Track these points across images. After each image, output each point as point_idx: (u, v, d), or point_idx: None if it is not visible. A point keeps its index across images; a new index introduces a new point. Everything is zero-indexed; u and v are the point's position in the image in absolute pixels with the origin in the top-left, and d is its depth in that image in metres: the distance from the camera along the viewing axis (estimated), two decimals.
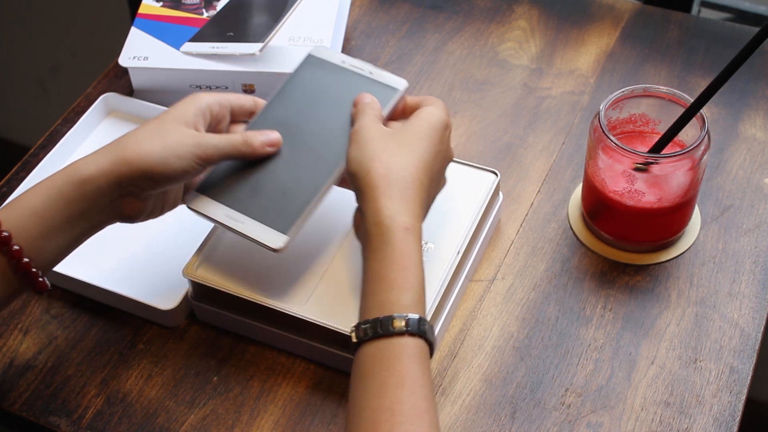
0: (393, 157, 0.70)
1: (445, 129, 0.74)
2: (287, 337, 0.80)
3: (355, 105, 0.77)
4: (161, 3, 1.03)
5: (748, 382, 0.78)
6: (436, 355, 0.81)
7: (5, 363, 0.82)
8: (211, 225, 0.83)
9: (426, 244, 0.82)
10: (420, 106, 0.76)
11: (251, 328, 0.81)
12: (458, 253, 0.81)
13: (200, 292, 0.81)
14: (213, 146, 0.73)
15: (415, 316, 0.65)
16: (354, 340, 0.66)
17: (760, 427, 1.41)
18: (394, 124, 0.76)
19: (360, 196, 0.71)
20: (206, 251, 0.82)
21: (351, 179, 0.72)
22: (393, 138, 0.72)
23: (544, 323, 0.82)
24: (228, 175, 0.76)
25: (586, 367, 0.79)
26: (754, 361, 0.79)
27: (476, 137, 0.97)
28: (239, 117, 0.79)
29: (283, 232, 0.73)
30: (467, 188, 0.85)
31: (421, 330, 0.65)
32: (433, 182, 0.73)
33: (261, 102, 0.79)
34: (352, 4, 1.09)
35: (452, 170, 0.87)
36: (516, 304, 0.84)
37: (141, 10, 1.03)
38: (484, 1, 1.10)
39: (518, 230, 0.89)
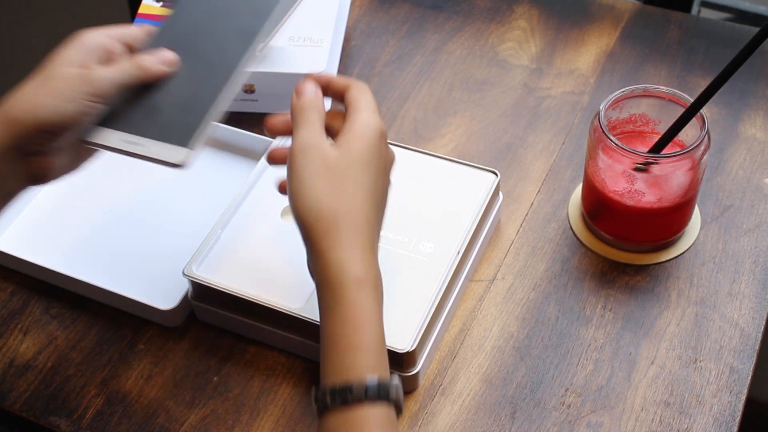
0: (339, 199, 0.65)
1: (382, 138, 0.68)
2: (287, 337, 0.80)
3: (296, 95, 0.70)
4: (161, 3, 1.03)
5: (748, 382, 0.78)
6: (436, 354, 0.81)
7: (5, 363, 0.82)
8: (211, 223, 0.83)
9: (426, 244, 0.82)
10: (347, 96, 0.70)
11: (251, 328, 0.81)
12: (458, 253, 0.81)
13: (200, 292, 0.81)
14: (105, 79, 0.68)
15: (373, 380, 0.61)
16: (315, 411, 0.63)
17: (760, 427, 1.41)
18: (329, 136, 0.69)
19: (306, 244, 0.66)
20: (206, 251, 0.82)
21: (295, 220, 0.66)
22: (336, 170, 0.65)
23: (544, 323, 0.82)
24: (123, 101, 0.71)
25: (586, 367, 0.79)
26: (754, 361, 0.79)
27: (476, 137, 0.97)
28: (135, 50, 0.73)
29: (184, 145, 0.70)
30: (467, 188, 0.85)
31: (382, 394, 0.61)
32: (380, 207, 0.68)
33: (153, 29, 0.74)
34: (352, 4, 1.09)
35: (452, 170, 0.87)
36: (516, 304, 0.84)
37: (141, 10, 1.03)
38: (484, 1, 1.10)
39: (518, 230, 0.89)
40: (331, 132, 0.69)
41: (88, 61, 0.69)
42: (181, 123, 0.70)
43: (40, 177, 0.69)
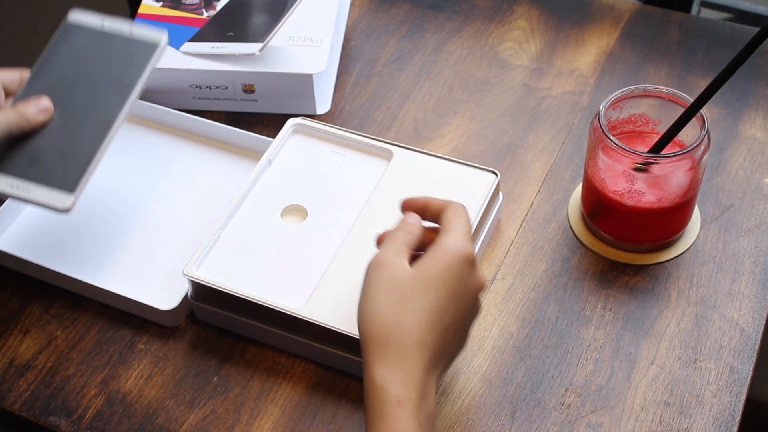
0: (395, 315, 0.65)
1: (464, 263, 0.67)
2: (287, 337, 0.80)
3: (404, 209, 0.73)
4: (161, 3, 1.03)
5: (748, 382, 0.78)
6: None
7: (5, 363, 0.82)
8: (211, 223, 0.83)
9: None
10: (441, 218, 0.71)
11: (251, 328, 0.81)
12: None
13: (200, 292, 0.81)
14: None
15: None
16: None
17: (760, 427, 1.41)
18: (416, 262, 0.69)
19: (361, 354, 0.66)
20: (206, 251, 0.82)
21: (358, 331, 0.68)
22: (402, 287, 0.66)
23: (544, 323, 0.82)
24: (5, 145, 0.77)
25: (586, 367, 0.79)
26: (754, 361, 0.79)
27: (476, 137, 0.97)
28: (10, 91, 0.80)
29: (70, 191, 0.76)
30: (467, 188, 0.85)
31: None
32: (445, 331, 0.67)
33: (26, 73, 0.81)
34: (352, 4, 1.09)
35: (452, 170, 0.87)
36: (516, 304, 0.84)
37: (141, 10, 1.03)
38: (484, 1, 1.10)
39: (518, 230, 0.89)
40: None
41: None
42: (66, 170, 0.76)
43: None
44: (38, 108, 0.78)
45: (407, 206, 0.74)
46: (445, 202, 0.72)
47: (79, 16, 0.85)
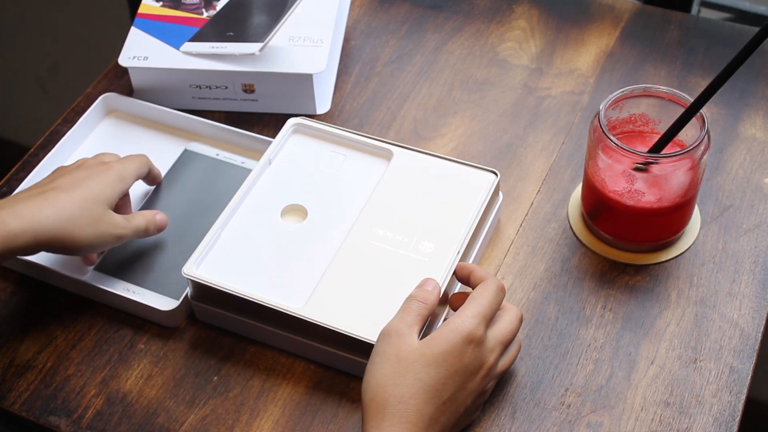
0: (395, 387, 0.68)
1: (467, 344, 0.71)
2: (287, 337, 0.80)
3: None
4: (161, 3, 1.03)
5: (748, 382, 0.78)
6: None
7: (5, 363, 0.82)
8: (211, 223, 0.83)
9: (426, 244, 0.82)
10: (473, 290, 0.75)
11: (251, 328, 0.81)
12: (458, 253, 0.81)
13: (200, 292, 0.81)
14: (131, 230, 0.82)
15: None
16: None
17: (760, 427, 1.42)
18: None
19: (362, 418, 0.70)
20: (206, 251, 0.82)
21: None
22: (405, 361, 0.69)
23: (544, 323, 0.82)
24: (123, 252, 0.86)
25: (586, 367, 0.79)
26: (754, 361, 0.79)
27: (476, 137, 0.97)
28: (140, 177, 0.87)
29: (176, 298, 0.83)
30: (467, 188, 0.85)
31: None
32: (444, 406, 0.70)
33: (156, 169, 0.89)
34: (352, 4, 1.09)
35: (452, 170, 0.87)
36: (516, 304, 0.83)
37: (141, 9, 1.03)
38: (484, 1, 1.10)
39: (518, 230, 0.89)
40: None
41: (115, 200, 0.82)
42: (176, 280, 0.84)
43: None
44: (159, 223, 0.85)
45: (458, 268, 0.78)
46: (484, 276, 0.76)
47: (195, 147, 0.94)
